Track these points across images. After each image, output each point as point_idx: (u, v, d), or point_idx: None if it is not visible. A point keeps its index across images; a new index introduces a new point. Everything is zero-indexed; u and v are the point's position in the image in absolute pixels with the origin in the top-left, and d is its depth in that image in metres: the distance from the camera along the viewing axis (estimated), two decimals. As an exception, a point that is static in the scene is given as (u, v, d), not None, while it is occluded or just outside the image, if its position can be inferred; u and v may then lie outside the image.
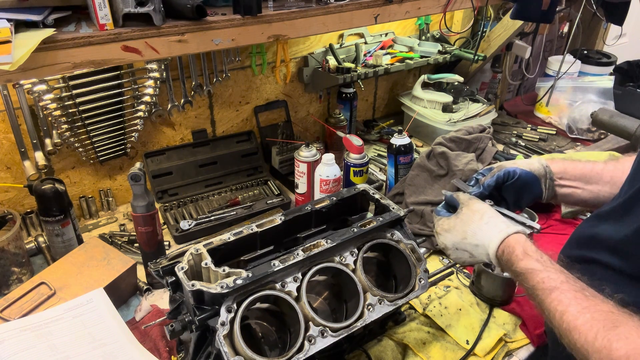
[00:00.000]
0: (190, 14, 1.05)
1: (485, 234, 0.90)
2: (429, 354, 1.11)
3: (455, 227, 0.95)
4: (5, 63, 0.82)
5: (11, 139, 1.38)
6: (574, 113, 2.15)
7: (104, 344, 1.04)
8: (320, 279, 1.06)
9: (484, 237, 0.90)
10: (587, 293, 0.73)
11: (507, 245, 0.86)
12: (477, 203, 0.96)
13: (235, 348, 0.84)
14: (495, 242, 0.88)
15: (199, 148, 1.71)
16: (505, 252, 0.86)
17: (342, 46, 1.93)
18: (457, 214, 0.97)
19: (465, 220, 0.94)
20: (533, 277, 0.79)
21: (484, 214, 0.93)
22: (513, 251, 0.84)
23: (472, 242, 0.92)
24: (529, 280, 0.80)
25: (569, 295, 0.73)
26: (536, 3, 1.47)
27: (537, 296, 0.78)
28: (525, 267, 0.81)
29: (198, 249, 0.94)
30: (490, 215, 0.92)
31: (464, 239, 0.93)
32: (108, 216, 1.61)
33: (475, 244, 0.92)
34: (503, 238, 0.87)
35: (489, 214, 0.93)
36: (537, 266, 0.80)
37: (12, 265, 1.27)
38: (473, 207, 0.95)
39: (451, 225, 0.96)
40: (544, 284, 0.77)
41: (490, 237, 0.89)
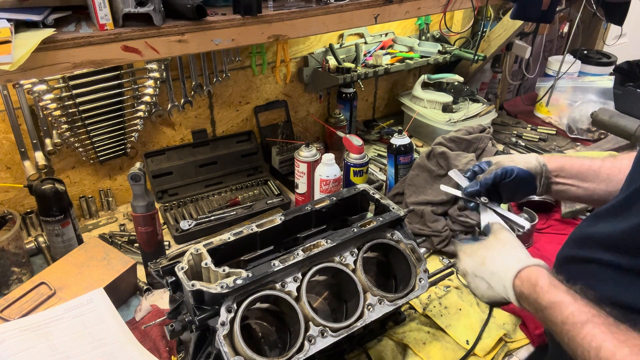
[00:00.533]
0: (190, 14, 1.05)
1: (503, 261, 0.86)
2: (429, 354, 1.11)
3: (478, 252, 0.92)
4: (5, 63, 0.82)
5: (11, 139, 1.38)
6: (574, 113, 2.15)
7: (104, 344, 1.04)
8: (320, 279, 1.06)
9: (502, 265, 0.85)
10: (621, 327, 0.68)
11: (529, 276, 0.81)
12: (505, 233, 0.93)
13: (235, 348, 0.84)
14: (513, 271, 0.82)
15: (199, 148, 1.71)
16: (526, 284, 0.80)
17: (342, 46, 1.93)
18: (483, 241, 0.94)
19: (488, 246, 0.91)
20: (562, 310, 0.73)
21: (506, 243, 0.89)
22: (537, 282, 0.78)
23: (490, 268, 0.88)
24: (557, 314, 0.74)
25: (604, 329, 0.68)
26: (536, 3, 1.47)
27: (567, 332, 0.72)
28: (553, 300, 0.75)
29: (198, 249, 0.94)
30: (513, 245, 0.88)
31: (482, 265, 0.89)
32: (108, 216, 1.61)
33: (492, 272, 0.87)
34: (522, 267, 0.82)
35: (512, 243, 0.89)
36: (566, 299, 0.74)
37: (12, 265, 1.27)
38: (499, 235, 0.92)
39: (473, 250, 0.93)
40: (575, 317, 0.71)
41: (508, 265, 0.84)
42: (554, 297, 0.75)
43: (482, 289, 0.90)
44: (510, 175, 1.03)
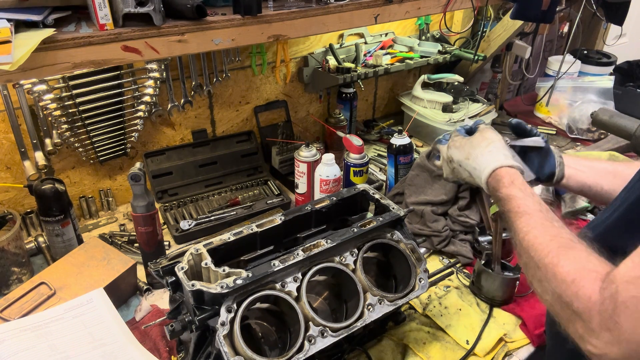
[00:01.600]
0: (190, 14, 1.05)
1: (484, 160, 0.96)
2: (429, 354, 1.11)
3: (464, 146, 1.02)
4: (5, 63, 0.82)
5: (11, 139, 1.38)
6: (574, 113, 2.15)
7: (104, 344, 1.04)
8: (320, 279, 1.06)
9: (482, 163, 0.96)
10: (555, 223, 0.77)
11: (498, 174, 0.92)
12: (490, 132, 1.02)
13: (235, 348, 0.84)
14: (489, 169, 0.94)
15: (199, 148, 1.71)
16: (495, 179, 0.92)
17: (342, 46, 1.93)
18: (470, 137, 1.04)
19: (474, 143, 1.01)
20: (511, 202, 0.86)
21: (490, 143, 0.98)
22: (501, 179, 0.91)
23: (472, 164, 0.98)
24: (507, 204, 0.86)
25: (538, 221, 0.79)
26: (536, 3, 1.47)
27: (509, 219, 0.85)
28: (507, 193, 0.88)
29: (198, 249, 0.94)
30: (496, 145, 0.98)
31: (467, 159, 1.00)
32: (108, 216, 1.61)
33: (474, 167, 0.98)
34: (496, 167, 0.93)
35: (496, 144, 0.98)
36: (517, 194, 0.86)
37: (12, 265, 1.27)
38: (485, 134, 1.01)
39: (462, 143, 1.03)
40: (519, 208, 0.83)
41: (486, 164, 0.95)
42: (508, 191, 0.87)
43: (463, 176, 1.04)
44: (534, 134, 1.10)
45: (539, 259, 0.72)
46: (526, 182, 0.90)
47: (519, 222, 0.81)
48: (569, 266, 0.67)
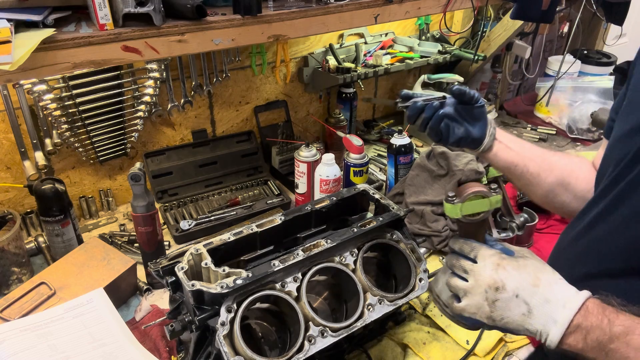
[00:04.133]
0: (190, 14, 1.05)
1: (562, 289, 0.71)
2: (429, 354, 1.11)
3: (528, 267, 0.73)
4: (5, 63, 0.82)
5: (11, 139, 1.38)
6: (574, 113, 2.15)
7: (104, 344, 1.04)
8: (320, 279, 1.06)
9: (562, 293, 0.70)
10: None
11: (595, 305, 0.68)
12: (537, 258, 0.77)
13: (235, 348, 0.84)
14: (577, 302, 0.68)
15: (199, 148, 1.71)
16: (593, 314, 0.67)
17: (342, 46, 1.93)
18: (523, 257, 0.76)
19: (539, 266, 0.74)
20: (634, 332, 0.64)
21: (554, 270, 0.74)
22: (603, 311, 0.67)
23: (545, 293, 0.70)
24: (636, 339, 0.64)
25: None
26: (536, 3, 1.47)
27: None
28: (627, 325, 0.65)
29: (198, 249, 0.94)
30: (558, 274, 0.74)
31: (535, 286, 0.71)
32: (108, 216, 1.61)
33: (547, 299, 0.70)
34: (588, 297, 0.69)
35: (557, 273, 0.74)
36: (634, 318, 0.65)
37: (12, 265, 1.27)
38: (538, 258, 0.77)
39: (521, 264, 0.73)
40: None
41: (569, 295, 0.69)
42: (626, 322, 0.65)
43: (512, 312, 0.71)
44: (477, 101, 0.99)
45: None
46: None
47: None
48: None
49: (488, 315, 0.72)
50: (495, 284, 0.72)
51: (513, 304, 0.71)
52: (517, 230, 1.43)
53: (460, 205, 0.73)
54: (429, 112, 1.00)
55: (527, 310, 0.70)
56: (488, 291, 0.72)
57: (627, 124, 0.80)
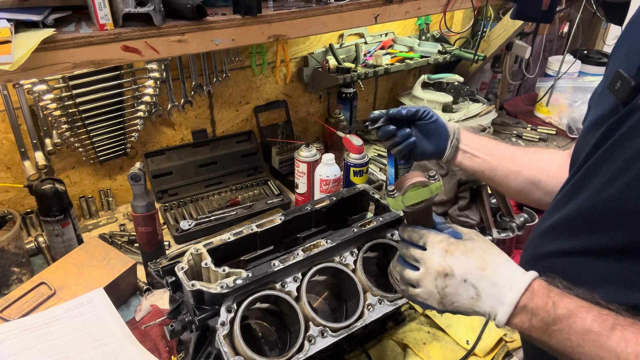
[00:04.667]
0: (190, 14, 1.05)
1: (509, 271, 0.71)
2: (429, 354, 1.11)
3: (475, 251, 0.74)
4: (5, 63, 0.82)
5: (11, 139, 1.38)
6: (574, 113, 2.15)
7: (104, 344, 1.04)
8: (320, 279, 1.06)
9: (508, 275, 0.71)
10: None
11: (541, 287, 0.69)
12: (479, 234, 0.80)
13: (235, 348, 0.84)
14: (524, 283, 0.69)
15: (199, 148, 1.71)
16: (539, 296, 0.68)
17: (342, 46, 1.93)
18: (471, 239, 0.77)
19: (486, 249, 0.75)
20: (584, 317, 0.64)
21: (501, 251, 0.75)
22: (548, 293, 0.68)
23: (492, 277, 0.71)
24: (578, 323, 0.64)
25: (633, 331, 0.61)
26: (536, 3, 1.47)
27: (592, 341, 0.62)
28: (570, 308, 0.65)
29: (198, 249, 0.94)
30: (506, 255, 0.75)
31: (482, 270, 0.72)
32: (108, 216, 1.61)
33: (494, 282, 0.71)
34: (534, 278, 0.69)
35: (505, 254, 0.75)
36: (584, 304, 0.65)
37: (12, 265, 1.27)
38: (485, 239, 0.78)
39: (468, 248, 0.74)
40: (601, 323, 0.62)
41: (516, 277, 0.70)
42: (569, 305, 0.65)
43: (461, 296, 0.73)
44: (430, 117, 1.02)
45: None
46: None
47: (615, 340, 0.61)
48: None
49: (439, 301, 0.74)
50: (444, 270, 0.73)
51: (462, 289, 0.72)
52: (517, 230, 1.44)
53: (401, 197, 0.74)
54: (400, 138, 1.03)
55: (475, 293, 0.71)
56: (437, 278, 0.73)
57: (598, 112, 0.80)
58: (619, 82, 0.68)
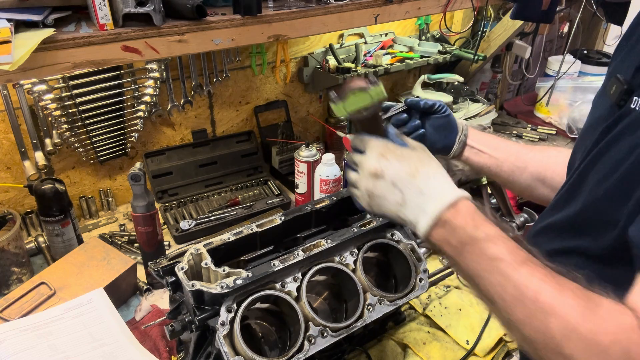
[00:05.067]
0: (190, 14, 1.05)
1: (440, 184, 0.72)
2: (429, 354, 1.11)
3: (411, 159, 0.75)
4: (5, 63, 0.82)
5: (11, 139, 1.38)
6: (574, 113, 2.15)
7: (104, 344, 1.04)
8: (320, 279, 1.06)
9: (437, 187, 0.72)
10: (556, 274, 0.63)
11: (467, 206, 0.70)
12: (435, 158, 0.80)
13: (235, 348, 0.84)
14: (450, 198, 0.70)
15: (199, 148, 1.71)
16: (461, 214, 0.69)
17: (342, 46, 1.93)
18: (412, 149, 0.79)
19: (423, 160, 0.76)
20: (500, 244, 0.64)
21: (440, 167, 0.77)
22: (473, 214, 0.69)
23: (420, 185, 0.72)
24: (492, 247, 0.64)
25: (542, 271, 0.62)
26: (536, 3, 1.47)
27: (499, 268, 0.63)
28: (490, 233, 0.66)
29: (198, 249, 0.94)
30: (445, 172, 0.76)
31: (412, 177, 0.73)
32: (108, 216, 1.61)
33: (421, 190, 0.72)
34: (462, 196, 0.71)
35: (445, 171, 0.76)
36: (505, 234, 0.67)
37: (12, 265, 1.27)
38: (432, 157, 0.79)
39: (405, 155, 0.75)
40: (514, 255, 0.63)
41: (445, 190, 0.71)
42: (489, 230, 0.66)
43: (389, 200, 0.74)
44: (443, 112, 1.02)
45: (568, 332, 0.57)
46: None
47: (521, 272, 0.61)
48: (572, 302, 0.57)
49: (368, 202, 0.77)
50: (376, 172, 0.74)
51: (389, 193, 0.73)
52: (517, 230, 1.44)
53: (342, 103, 0.74)
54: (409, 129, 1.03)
55: (401, 199, 0.72)
56: (369, 179, 0.75)
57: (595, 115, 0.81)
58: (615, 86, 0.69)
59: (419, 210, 0.71)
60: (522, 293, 0.60)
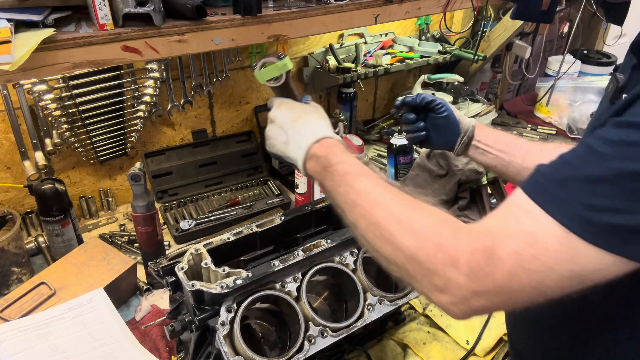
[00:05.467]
0: (190, 14, 1.05)
1: (313, 127, 0.86)
2: (429, 354, 1.11)
3: (295, 110, 0.90)
4: (5, 63, 0.82)
5: (11, 139, 1.38)
6: (574, 113, 2.15)
7: (104, 344, 1.04)
8: (320, 279, 1.06)
9: (310, 129, 0.86)
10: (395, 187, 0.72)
11: (330, 142, 0.83)
12: (322, 109, 0.93)
13: (235, 348, 0.84)
14: (317, 136, 0.83)
15: (199, 148, 1.71)
16: (324, 147, 0.82)
17: (342, 46, 1.93)
18: (305, 104, 0.94)
19: (307, 110, 0.90)
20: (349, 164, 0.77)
21: (321, 116, 0.90)
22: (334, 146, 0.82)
23: (299, 128, 0.87)
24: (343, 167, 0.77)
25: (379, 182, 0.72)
26: (536, 3, 1.47)
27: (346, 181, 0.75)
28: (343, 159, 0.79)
29: (198, 249, 0.94)
30: (326, 120, 0.89)
31: (294, 122, 0.88)
32: (108, 216, 1.61)
33: (299, 131, 0.86)
34: (325, 135, 0.84)
35: (326, 119, 0.90)
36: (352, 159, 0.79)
37: (12, 265, 1.27)
38: (319, 108, 0.93)
39: (295, 107, 0.91)
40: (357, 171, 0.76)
41: (315, 131, 0.85)
42: (346, 158, 0.79)
43: (277, 140, 0.90)
44: (442, 111, 1.09)
45: (389, 217, 0.66)
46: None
47: (358, 183, 0.73)
48: (428, 220, 0.64)
49: (267, 144, 0.92)
50: (271, 118, 0.91)
51: (278, 134, 0.89)
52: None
53: (258, 72, 0.93)
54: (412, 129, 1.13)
55: (286, 139, 0.88)
56: (268, 125, 0.92)
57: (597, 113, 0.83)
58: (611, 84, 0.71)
59: (297, 147, 0.85)
60: (359, 196, 0.72)
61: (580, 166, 0.55)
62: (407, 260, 0.63)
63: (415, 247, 0.62)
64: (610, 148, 0.53)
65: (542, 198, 0.56)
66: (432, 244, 0.61)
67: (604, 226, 0.51)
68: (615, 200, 0.51)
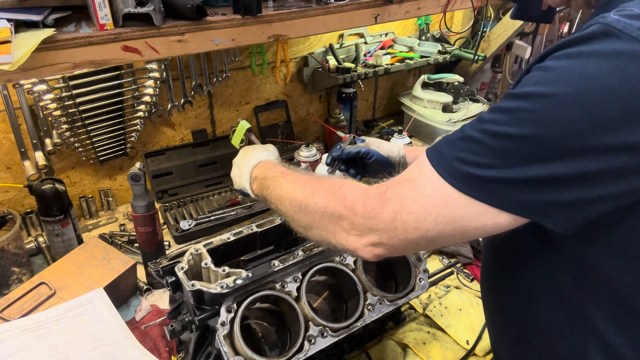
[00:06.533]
0: (190, 14, 1.05)
1: (254, 156, 1.05)
2: (429, 354, 1.11)
3: (247, 149, 1.10)
4: (5, 63, 0.82)
5: (11, 139, 1.38)
6: (574, 113, 2.14)
7: (104, 344, 1.04)
8: (320, 279, 1.06)
9: (251, 158, 1.05)
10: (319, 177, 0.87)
11: (265, 164, 1.01)
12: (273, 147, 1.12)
13: (235, 348, 0.84)
14: (255, 161, 1.03)
15: (199, 148, 1.71)
16: (260, 169, 1.00)
17: (342, 46, 1.93)
18: (261, 146, 1.13)
19: (256, 147, 1.11)
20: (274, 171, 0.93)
21: (268, 149, 1.08)
22: (267, 166, 0.99)
23: (247, 162, 1.04)
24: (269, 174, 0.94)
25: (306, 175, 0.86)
26: (536, 3, 1.47)
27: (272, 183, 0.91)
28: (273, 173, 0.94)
29: (198, 249, 0.94)
30: (270, 152, 1.08)
31: (244, 158, 1.07)
32: (108, 216, 1.61)
33: (245, 162, 1.05)
34: (261, 160, 1.03)
35: (271, 151, 1.09)
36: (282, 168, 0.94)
37: (12, 265, 1.27)
38: (268, 146, 1.12)
39: (247, 148, 1.12)
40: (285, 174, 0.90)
41: (254, 159, 1.04)
42: (276, 169, 0.94)
43: (235, 176, 1.09)
44: (370, 157, 1.21)
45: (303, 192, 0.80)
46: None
47: (281, 181, 0.87)
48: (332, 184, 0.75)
49: (233, 183, 1.11)
50: (233, 162, 1.12)
51: (236, 171, 1.09)
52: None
53: (232, 140, 1.30)
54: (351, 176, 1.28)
55: (239, 173, 1.06)
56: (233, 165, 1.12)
57: None
58: None
59: (245, 175, 1.02)
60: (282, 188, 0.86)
61: (466, 129, 0.63)
62: (320, 217, 0.74)
63: (324, 203, 0.73)
64: (489, 114, 0.61)
65: (432, 154, 0.64)
66: (337, 197, 0.72)
67: (471, 177, 0.59)
68: (481, 156, 0.58)
